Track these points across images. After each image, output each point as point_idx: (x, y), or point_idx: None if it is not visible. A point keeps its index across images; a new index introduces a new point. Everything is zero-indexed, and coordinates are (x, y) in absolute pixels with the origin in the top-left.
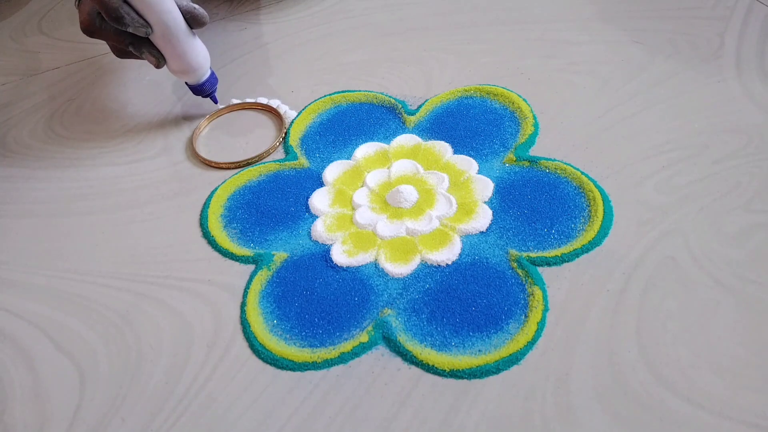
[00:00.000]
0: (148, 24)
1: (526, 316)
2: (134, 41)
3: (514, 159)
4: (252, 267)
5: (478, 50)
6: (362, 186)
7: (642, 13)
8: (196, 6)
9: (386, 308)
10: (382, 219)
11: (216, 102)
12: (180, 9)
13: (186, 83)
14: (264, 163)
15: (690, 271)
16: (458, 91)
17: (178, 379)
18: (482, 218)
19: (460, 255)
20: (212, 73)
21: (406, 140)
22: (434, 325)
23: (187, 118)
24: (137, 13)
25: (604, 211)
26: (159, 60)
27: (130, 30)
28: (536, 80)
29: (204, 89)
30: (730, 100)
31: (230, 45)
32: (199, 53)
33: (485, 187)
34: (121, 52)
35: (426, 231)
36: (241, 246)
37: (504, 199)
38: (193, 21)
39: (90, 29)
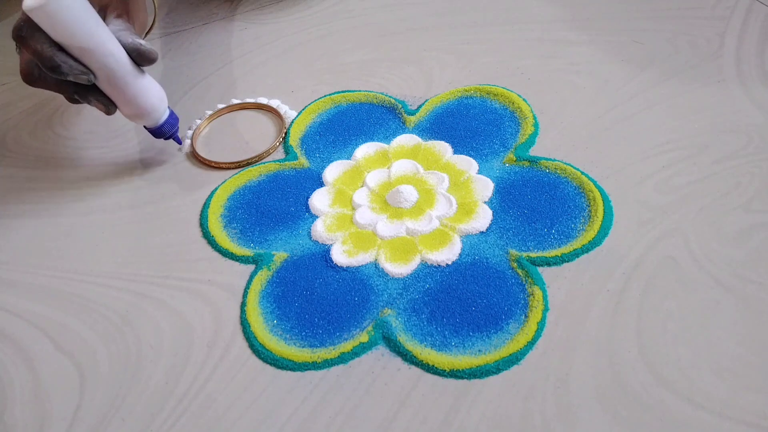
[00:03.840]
0: (89, 70)
1: (526, 316)
2: (78, 90)
3: (514, 159)
4: (252, 267)
5: (478, 50)
6: (362, 186)
7: (642, 13)
8: (143, 42)
9: (386, 308)
10: (382, 219)
11: (180, 143)
12: (125, 47)
13: (144, 126)
14: (264, 163)
15: (690, 271)
16: (458, 91)
17: (178, 379)
18: (482, 218)
19: (460, 255)
20: (171, 113)
21: (406, 140)
22: (434, 325)
23: (187, 117)
24: (75, 59)
25: (604, 211)
26: (108, 106)
27: (70, 78)
28: (536, 80)
29: (163, 131)
30: (730, 100)
31: (230, 45)
32: (152, 94)
33: (485, 187)
34: (72, 100)
35: (426, 231)
36: (241, 246)
37: (504, 199)
38: (140, 59)
39: (30, 79)
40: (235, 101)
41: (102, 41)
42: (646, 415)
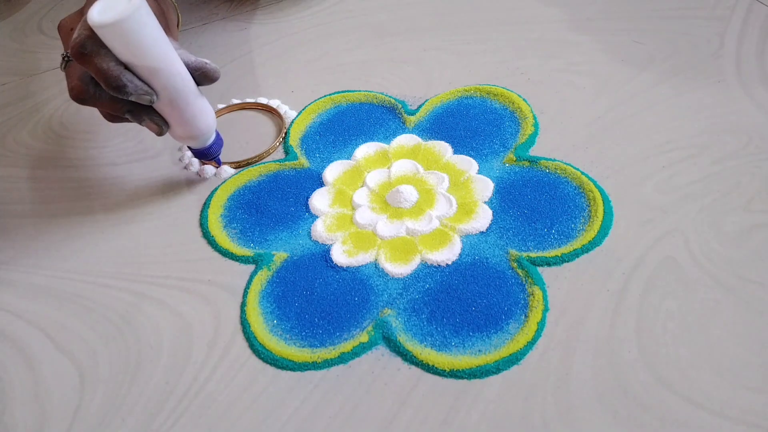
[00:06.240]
0: (153, 91)
1: (526, 316)
2: (133, 108)
3: (514, 159)
4: (252, 267)
5: (478, 50)
6: (362, 186)
7: (642, 13)
8: (207, 61)
9: (386, 308)
10: (382, 219)
11: (219, 164)
12: (188, 66)
13: (188, 147)
14: (264, 163)
15: (690, 271)
16: (458, 91)
17: (178, 379)
18: (482, 218)
19: (460, 255)
20: (217, 134)
21: (406, 140)
22: (434, 325)
23: None
24: (140, 78)
25: (604, 211)
26: (162, 127)
27: (132, 98)
28: (536, 80)
29: (210, 153)
30: (730, 100)
31: (230, 45)
32: (207, 115)
33: (485, 187)
34: (114, 118)
35: (426, 231)
36: (241, 246)
37: (504, 199)
38: (203, 78)
39: (82, 97)
40: (235, 101)
41: (172, 61)
42: (646, 415)
